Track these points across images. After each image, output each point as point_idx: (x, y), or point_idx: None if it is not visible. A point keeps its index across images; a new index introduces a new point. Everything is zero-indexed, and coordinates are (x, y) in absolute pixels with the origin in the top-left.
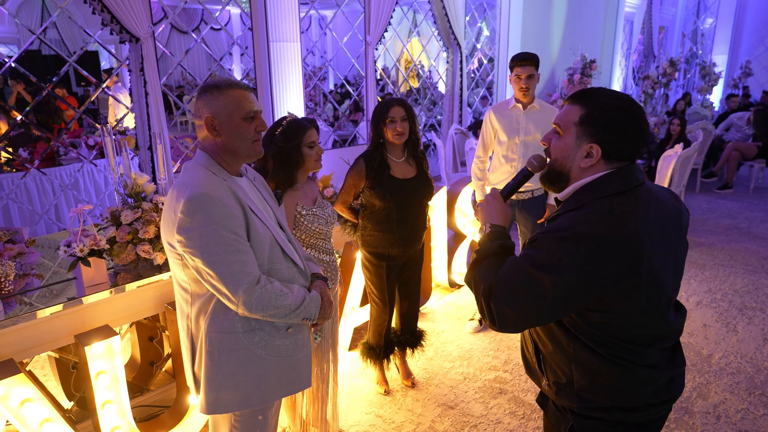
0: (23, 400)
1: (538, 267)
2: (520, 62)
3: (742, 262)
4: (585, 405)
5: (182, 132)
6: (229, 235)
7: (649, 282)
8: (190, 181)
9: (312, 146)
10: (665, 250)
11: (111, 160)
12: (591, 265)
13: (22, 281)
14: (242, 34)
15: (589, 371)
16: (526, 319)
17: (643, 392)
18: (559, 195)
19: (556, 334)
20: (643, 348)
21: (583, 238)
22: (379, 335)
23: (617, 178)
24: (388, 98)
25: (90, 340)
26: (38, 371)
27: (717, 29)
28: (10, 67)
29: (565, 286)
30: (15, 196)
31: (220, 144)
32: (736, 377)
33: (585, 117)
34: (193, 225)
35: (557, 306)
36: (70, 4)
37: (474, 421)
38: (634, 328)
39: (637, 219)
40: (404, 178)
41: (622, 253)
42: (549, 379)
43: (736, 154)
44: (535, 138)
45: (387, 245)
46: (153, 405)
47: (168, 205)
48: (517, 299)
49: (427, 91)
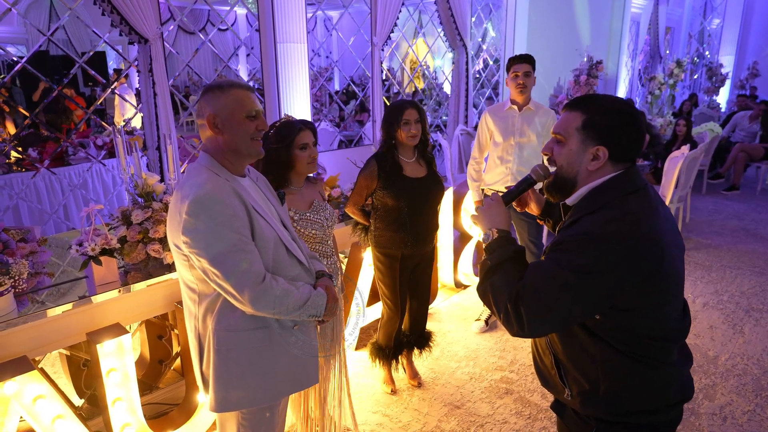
0: (36, 396)
1: (569, 269)
2: (517, 61)
3: (748, 263)
4: (611, 411)
5: (189, 132)
6: (234, 234)
7: (672, 276)
8: (193, 182)
9: (304, 148)
10: (676, 246)
11: (122, 160)
12: (621, 263)
13: (33, 280)
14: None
15: (615, 374)
16: (559, 322)
17: (668, 392)
18: (569, 200)
19: (580, 339)
20: (671, 344)
21: (609, 238)
22: (390, 336)
23: (627, 179)
24: (402, 100)
25: (101, 338)
26: (49, 369)
27: (724, 30)
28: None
29: (598, 286)
30: (25, 195)
31: (222, 142)
32: (743, 379)
33: (587, 122)
34: (198, 226)
35: (590, 307)
36: (78, 5)
37: (480, 420)
38: (661, 324)
39: (654, 216)
40: (416, 177)
41: (649, 249)
42: (572, 390)
43: (743, 156)
44: (530, 140)
45: (400, 245)
46: (162, 403)
47: (173, 207)
48: (549, 303)
49: (433, 92)
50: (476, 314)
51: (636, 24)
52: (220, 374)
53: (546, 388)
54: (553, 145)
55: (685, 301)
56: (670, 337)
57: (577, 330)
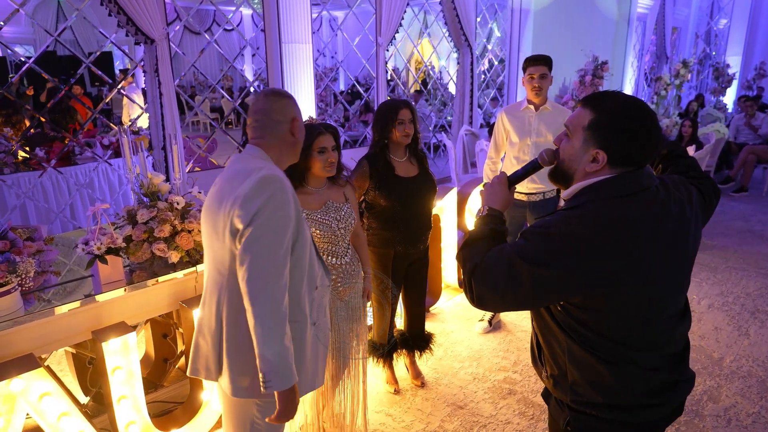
0: (42, 393)
1: (519, 256)
2: (534, 62)
3: (755, 265)
4: (578, 399)
5: (194, 132)
6: (286, 235)
7: (638, 290)
8: (256, 165)
9: (323, 152)
10: (666, 258)
11: (128, 160)
12: (568, 263)
13: (40, 278)
14: (254, 35)
15: (580, 366)
16: (502, 303)
17: (634, 391)
18: (563, 194)
19: (550, 327)
20: (636, 352)
21: (566, 237)
22: (383, 333)
23: (617, 183)
24: (394, 100)
25: (106, 336)
26: (55, 366)
27: (731, 30)
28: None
29: (540, 279)
30: (32, 194)
31: (290, 143)
32: (748, 381)
33: (594, 122)
34: (259, 203)
35: (531, 296)
36: (85, 5)
37: (483, 421)
38: (621, 332)
39: (630, 226)
40: (408, 177)
41: (604, 257)
42: (547, 371)
43: (753, 158)
44: (547, 139)
45: (392, 244)
46: (167, 401)
47: (227, 188)
48: (496, 283)
49: (438, 92)
50: (480, 314)
51: (642, 24)
52: (242, 359)
53: (533, 365)
54: (563, 137)
55: (685, 311)
56: (632, 344)
57: (548, 317)
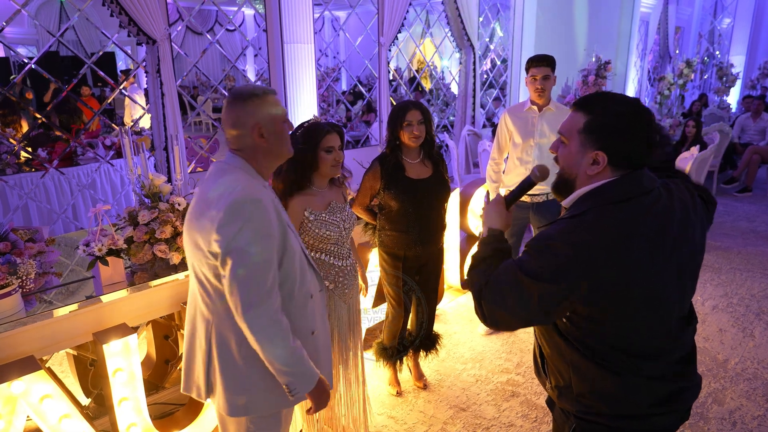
0: (43, 395)
1: (523, 272)
2: (536, 63)
3: (759, 266)
4: (584, 409)
5: (196, 132)
6: (271, 241)
7: (643, 297)
8: (228, 182)
9: (330, 151)
10: (670, 264)
11: (129, 161)
12: (571, 274)
13: (41, 279)
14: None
15: (585, 377)
16: (514, 321)
17: (641, 401)
18: (564, 202)
19: (555, 338)
20: (643, 360)
21: (568, 249)
22: (394, 336)
23: (619, 186)
24: (406, 101)
25: (108, 337)
26: (56, 368)
27: (734, 29)
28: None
29: (546, 293)
30: (34, 195)
31: (265, 148)
32: (753, 383)
33: (588, 124)
34: (234, 226)
35: (541, 311)
36: (88, 6)
37: (486, 423)
38: (629, 340)
39: (631, 232)
40: (419, 178)
41: (607, 266)
42: (551, 382)
43: (757, 158)
44: (550, 140)
45: (404, 246)
46: (168, 403)
47: (199, 207)
48: (505, 301)
49: (440, 92)
50: None
51: (645, 24)
52: (235, 379)
53: (536, 376)
54: (559, 144)
55: (690, 315)
56: (638, 352)
57: (552, 330)
